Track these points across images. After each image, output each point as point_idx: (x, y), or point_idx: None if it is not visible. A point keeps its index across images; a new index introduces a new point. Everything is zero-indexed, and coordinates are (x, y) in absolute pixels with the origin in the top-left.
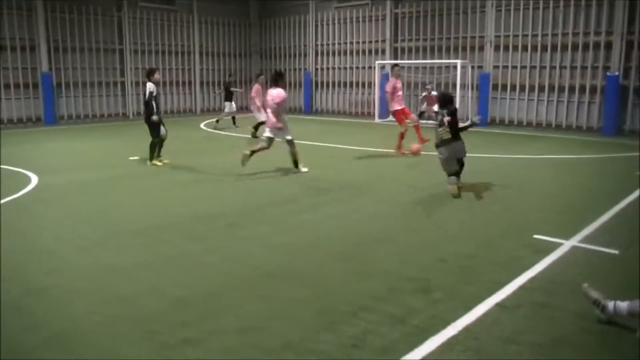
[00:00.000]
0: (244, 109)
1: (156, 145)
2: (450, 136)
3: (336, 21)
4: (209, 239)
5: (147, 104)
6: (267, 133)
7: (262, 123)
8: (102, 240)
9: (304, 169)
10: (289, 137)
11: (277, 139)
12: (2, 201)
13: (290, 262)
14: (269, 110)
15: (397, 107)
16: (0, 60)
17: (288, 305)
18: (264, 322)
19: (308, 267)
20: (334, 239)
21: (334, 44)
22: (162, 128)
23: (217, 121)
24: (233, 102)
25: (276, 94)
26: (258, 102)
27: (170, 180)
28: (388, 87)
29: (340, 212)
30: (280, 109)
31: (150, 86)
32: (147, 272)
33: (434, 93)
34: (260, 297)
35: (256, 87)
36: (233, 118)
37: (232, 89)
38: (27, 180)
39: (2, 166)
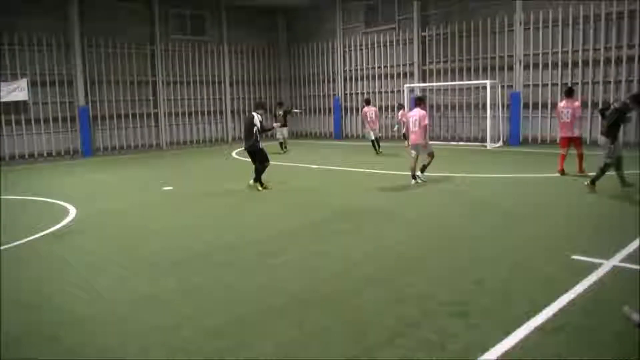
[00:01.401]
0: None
1: (263, 171)
2: None
3: (364, 46)
4: (240, 266)
5: (257, 132)
6: (412, 150)
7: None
8: (138, 270)
9: (422, 179)
10: (429, 151)
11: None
12: (43, 233)
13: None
14: (412, 129)
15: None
16: (39, 95)
17: (323, 332)
18: (300, 350)
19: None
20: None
21: (362, 69)
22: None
23: (284, 146)
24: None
25: (418, 114)
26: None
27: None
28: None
29: (372, 235)
30: (422, 128)
31: (258, 117)
32: (183, 301)
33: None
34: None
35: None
36: (280, 144)
37: (293, 110)
38: (66, 212)
39: (42, 198)
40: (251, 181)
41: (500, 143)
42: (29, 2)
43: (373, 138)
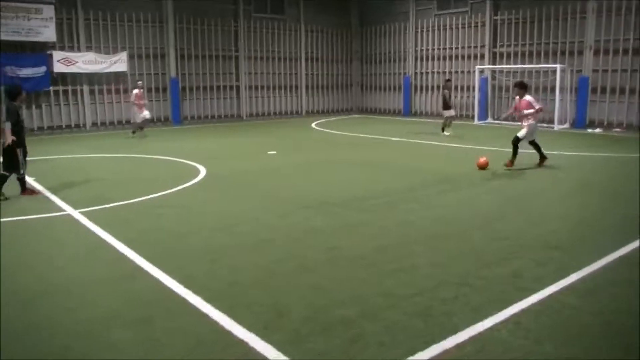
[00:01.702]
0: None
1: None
2: None
3: (436, 28)
4: (375, 212)
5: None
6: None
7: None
8: (289, 211)
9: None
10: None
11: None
12: (192, 182)
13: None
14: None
15: None
16: (136, 67)
17: (457, 255)
18: (445, 260)
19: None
20: (469, 215)
21: (433, 49)
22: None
23: (444, 129)
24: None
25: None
26: None
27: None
28: None
29: (468, 194)
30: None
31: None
32: (344, 233)
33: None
34: (432, 248)
35: None
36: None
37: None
38: (196, 169)
39: (172, 158)
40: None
41: (567, 125)
42: None
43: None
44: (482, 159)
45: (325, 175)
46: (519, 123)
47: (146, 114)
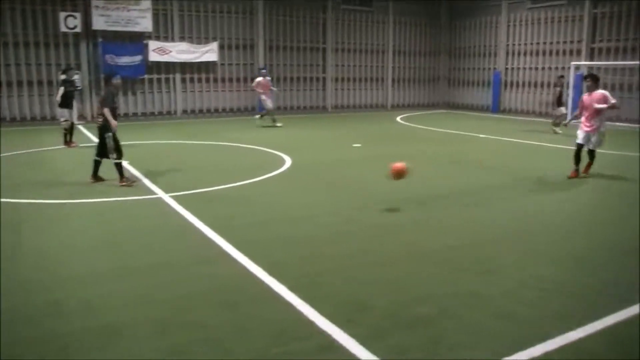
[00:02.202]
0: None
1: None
2: None
3: (529, 22)
4: (458, 209)
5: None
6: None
7: None
8: (363, 206)
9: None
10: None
11: None
12: (275, 172)
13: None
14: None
15: None
16: (225, 57)
17: (545, 254)
18: (532, 262)
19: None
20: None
21: (525, 44)
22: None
23: (556, 125)
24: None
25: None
26: None
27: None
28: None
29: (563, 196)
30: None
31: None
32: (425, 230)
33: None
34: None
35: None
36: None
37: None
38: (281, 159)
39: (258, 147)
40: None
41: None
42: None
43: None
44: (398, 166)
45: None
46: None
47: (269, 102)
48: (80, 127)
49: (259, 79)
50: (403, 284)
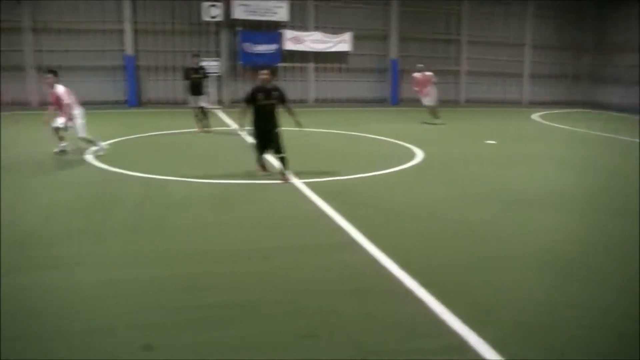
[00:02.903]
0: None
1: None
2: None
3: None
4: (601, 216)
5: None
6: None
7: None
8: (501, 205)
9: None
10: None
11: None
12: (407, 165)
13: None
14: None
15: None
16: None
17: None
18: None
19: None
20: None
21: None
22: None
23: None
24: None
25: None
26: None
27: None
28: None
29: None
30: None
31: None
32: (561, 235)
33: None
34: None
35: None
36: None
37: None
38: (413, 152)
39: (389, 139)
40: None
41: None
42: None
43: None
44: None
45: (547, 172)
46: None
47: (427, 99)
48: (218, 113)
49: (417, 74)
50: (535, 292)
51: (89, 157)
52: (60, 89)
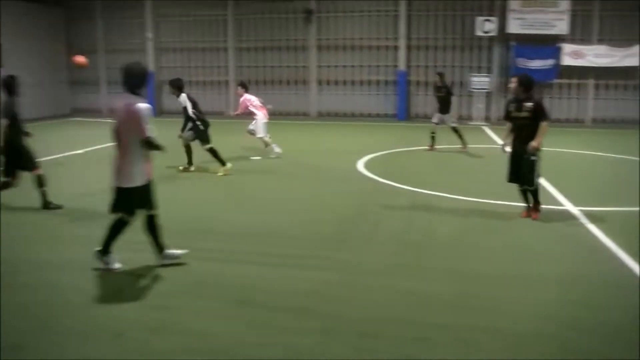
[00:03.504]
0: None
1: None
2: None
3: None
4: None
5: None
6: None
7: None
8: None
9: None
10: None
11: None
12: None
13: None
14: None
15: None
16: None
17: None
18: None
19: None
20: None
21: None
22: None
23: None
24: None
25: None
26: None
27: None
28: None
29: None
30: None
31: None
32: None
33: None
34: None
35: None
36: None
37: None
38: None
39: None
40: None
41: None
42: None
43: None
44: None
45: None
46: None
47: None
48: (485, 129)
49: None
50: None
51: (360, 167)
52: (248, 96)
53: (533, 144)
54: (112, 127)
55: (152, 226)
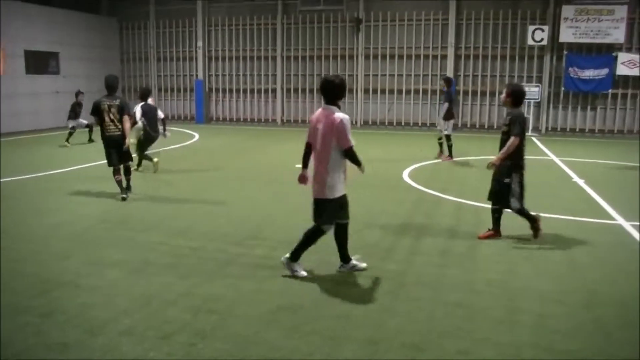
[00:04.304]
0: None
1: None
2: None
3: None
4: None
5: None
6: None
7: None
8: None
9: None
10: None
11: None
12: None
13: None
14: None
15: None
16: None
17: None
18: None
19: None
20: None
21: None
22: None
23: None
24: None
25: None
26: None
27: None
28: None
29: None
30: None
31: None
32: None
33: None
34: None
35: None
36: None
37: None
38: None
39: None
40: None
41: None
42: None
43: None
44: None
45: None
46: None
47: None
48: (534, 139)
49: None
50: None
51: (406, 177)
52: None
53: (492, 160)
54: (310, 139)
55: (342, 234)
